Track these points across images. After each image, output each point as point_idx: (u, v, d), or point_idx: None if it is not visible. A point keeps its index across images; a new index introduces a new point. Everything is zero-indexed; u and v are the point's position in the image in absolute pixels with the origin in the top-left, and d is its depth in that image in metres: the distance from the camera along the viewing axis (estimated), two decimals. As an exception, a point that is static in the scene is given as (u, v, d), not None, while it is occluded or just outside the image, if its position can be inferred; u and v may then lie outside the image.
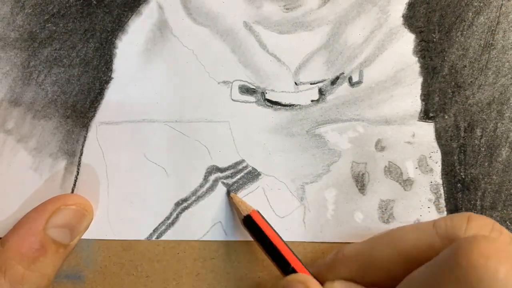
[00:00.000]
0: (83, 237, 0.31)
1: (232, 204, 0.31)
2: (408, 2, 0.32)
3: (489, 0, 0.31)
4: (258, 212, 0.29)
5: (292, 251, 0.28)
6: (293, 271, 0.27)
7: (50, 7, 0.31)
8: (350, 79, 0.32)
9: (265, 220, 0.29)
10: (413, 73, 0.32)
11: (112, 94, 0.31)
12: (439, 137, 0.31)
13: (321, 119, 0.32)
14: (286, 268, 0.27)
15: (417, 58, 0.32)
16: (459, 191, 0.31)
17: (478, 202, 0.31)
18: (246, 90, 0.32)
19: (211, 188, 0.31)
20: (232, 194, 0.31)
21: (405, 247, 0.25)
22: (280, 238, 0.29)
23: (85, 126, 0.31)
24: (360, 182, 0.31)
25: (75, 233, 0.29)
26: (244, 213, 0.29)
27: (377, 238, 0.27)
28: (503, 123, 0.31)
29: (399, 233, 0.26)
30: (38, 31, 0.31)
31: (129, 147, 0.31)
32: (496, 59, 0.31)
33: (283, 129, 0.32)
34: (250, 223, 0.29)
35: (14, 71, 0.31)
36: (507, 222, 0.31)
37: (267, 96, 0.32)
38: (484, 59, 0.31)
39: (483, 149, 0.31)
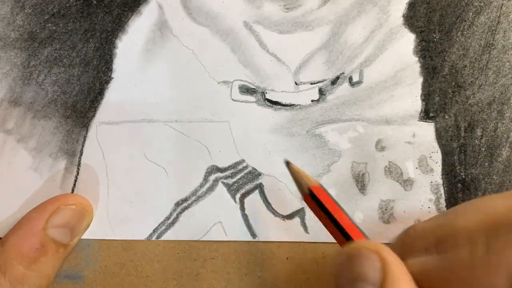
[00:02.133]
0: (83, 237, 0.31)
1: (293, 175, 0.27)
2: (409, 2, 0.32)
3: (489, 0, 0.31)
4: (322, 186, 0.27)
5: (358, 227, 0.25)
6: None
7: (50, 7, 0.31)
8: (350, 79, 0.32)
9: (329, 194, 0.26)
10: (413, 73, 0.31)
11: (112, 94, 0.31)
12: (439, 137, 0.31)
13: (321, 119, 0.32)
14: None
15: (417, 58, 0.32)
16: (460, 191, 0.31)
17: (479, 202, 0.31)
18: (246, 90, 0.32)
19: (211, 188, 0.31)
20: (292, 166, 0.27)
21: (494, 212, 0.21)
22: (346, 213, 0.25)
23: (85, 126, 0.31)
24: (360, 182, 0.31)
25: (75, 233, 0.29)
26: (306, 187, 0.26)
27: (460, 208, 0.24)
28: (503, 123, 0.31)
29: (485, 201, 0.23)
30: (38, 31, 0.31)
31: (129, 147, 0.31)
32: (497, 59, 0.31)
33: (283, 129, 0.32)
34: (313, 198, 0.26)
35: (14, 71, 0.31)
36: (508, 222, 0.31)
37: (267, 96, 0.32)
38: (484, 59, 0.31)
39: (484, 149, 0.31)
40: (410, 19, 0.32)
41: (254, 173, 0.31)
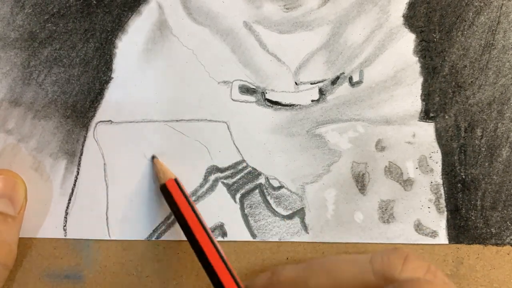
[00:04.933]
0: (83, 237, 0.31)
1: (153, 170, 0.30)
2: (409, 2, 0.32)
3: (489, 0, 0.31)
4: (176, 180, 0.29)
5: (215, 246, 0.27)
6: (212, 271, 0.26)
7: (50, 7, 0.31)
8: (350, 79, 0.32)
9: (184, 192, 0.28)
10: (413, 73, 0.31)
11: (112, 94, 0.31)
12: (439, 137, 0.31)
13: (321, 119, 0.32)
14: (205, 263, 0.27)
15: (417, 58, 0.32)
16: (460, 191, 0.31)
17: (479, 202, 0.31)
18: (246, 90, 0.32)
19: (211, 188, 0.31)
20: (155, 160, 0.31)
21: (341, 279, 0.25)
22: (196, 213, 0.27)
23: (85, 126, 0.31)
24: (360, 182, 0.31)
25: (16, 202, 0.29)
26: (162, 181, 0.29)
27: (314, 265, 0.27)
28: (503, 123, 0.31)
29: (336, 264, 0.26)
30: (38, 31, 0.31)
31: (129, 147, 0.31)
32: (497, 59, 0.31)
33: (283, 129, 0.32)
34: (166, 193, 0.28)
35: (14, 71, 0.31)
36: (507, 222, 0.31)
37: (267, 96, 0.32)
38: (484, 59, 0.31)
39: (484, 149, 0.31)
40: (410, 19, 0.32)
41: (254, 173, 0.31)
